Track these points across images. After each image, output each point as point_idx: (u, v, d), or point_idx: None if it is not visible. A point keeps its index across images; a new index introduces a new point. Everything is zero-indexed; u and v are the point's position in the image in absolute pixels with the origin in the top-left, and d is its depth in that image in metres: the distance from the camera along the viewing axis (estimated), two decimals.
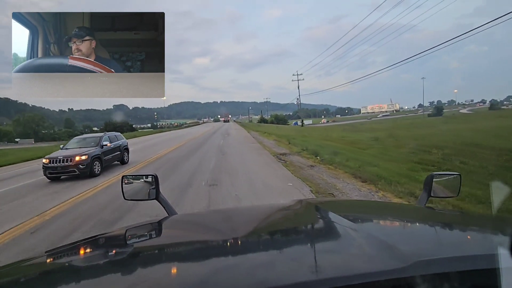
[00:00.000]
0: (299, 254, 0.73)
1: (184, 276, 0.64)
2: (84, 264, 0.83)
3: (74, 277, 0.69)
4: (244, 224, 1.09)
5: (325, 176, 7.24)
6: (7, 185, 8.21)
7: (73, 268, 0.79)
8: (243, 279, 0.58)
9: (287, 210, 1.29)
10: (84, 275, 0.71)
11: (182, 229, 1.12)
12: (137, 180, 1.46)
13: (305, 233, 0.96)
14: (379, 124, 52.41)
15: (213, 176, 7.54)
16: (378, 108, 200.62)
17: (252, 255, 0.75)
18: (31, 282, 0.70)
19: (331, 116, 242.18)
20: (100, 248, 0.99)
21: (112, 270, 0.72)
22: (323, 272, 0.58)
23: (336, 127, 49.63)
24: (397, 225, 1.04)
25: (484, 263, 0.53)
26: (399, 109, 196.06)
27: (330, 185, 6.33)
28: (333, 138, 20.67)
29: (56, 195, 6.52)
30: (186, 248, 0.87)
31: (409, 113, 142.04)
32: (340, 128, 41.30)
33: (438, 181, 1.30)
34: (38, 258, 0.89)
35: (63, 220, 4.81)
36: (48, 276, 0.74)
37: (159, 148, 16.30)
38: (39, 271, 0.78)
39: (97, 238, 1.07)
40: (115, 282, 0.64)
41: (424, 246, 0.71)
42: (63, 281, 0.67)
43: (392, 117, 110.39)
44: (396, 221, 1.08)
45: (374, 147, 15.15)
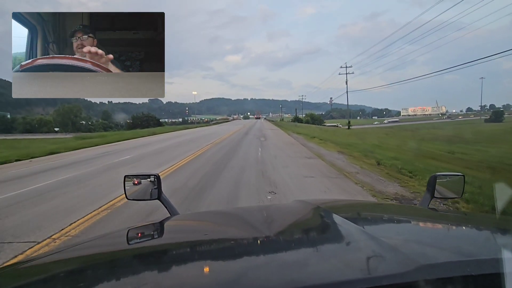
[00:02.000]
0: (298, 256, 0.70)
1: (187, 277, 0.63)
2: (85, 264, 0.79)
3: (75, 278, 0.68)
4: (246, 225, 1.07)
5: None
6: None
7: (74, 269, 0.76)
8: (244, 281, 0.57)
9: (288, 211, 1.27)
10: (86, 276, 0.68)
11: (185, 229, 1.10)
12: (139, 180, 1.43)
13: (305, 235, 0.94)
14: (440, 130, 43.14)
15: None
16: (421, 111, 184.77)
17: (254, 257, 0.72)
18: (32, 282, 0.68)
19: (367, 117, 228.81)
20: (102, 248, 0.94)
21: (115, 271, 0.70)
22: (323, 277, 0.55)
23: (393, 131, 40.84)
24: (400, 227, 1.01)
25: (489, 268, 0.52)
26: (445, 112, 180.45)
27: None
28: (430, 152, 13.45)
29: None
30: (189, 248, 0.85)
31: (460, 116, 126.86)
32: (404, 134, 32.88)
33: (441, 182, 1.29)
34: (39, 258, 0.84)
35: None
36: (49, 276, 0.71)
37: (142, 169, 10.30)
38: (39, 272, 0.76)
39: (99, 239, 1.05)
40: (117, 283, 0.61)
41: (427, 249, 0.68)
42: (65, 282, 0.67)
43: (439, 121, 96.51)
44: (399, 223, 1.05)
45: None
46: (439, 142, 19.80)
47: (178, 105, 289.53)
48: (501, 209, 0.98)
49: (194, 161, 9.96)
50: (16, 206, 5.07)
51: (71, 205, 5.07)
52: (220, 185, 6.24)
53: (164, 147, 15.48)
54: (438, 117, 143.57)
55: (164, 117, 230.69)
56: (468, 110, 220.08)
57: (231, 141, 17.81)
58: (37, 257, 0.85)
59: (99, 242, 1.01)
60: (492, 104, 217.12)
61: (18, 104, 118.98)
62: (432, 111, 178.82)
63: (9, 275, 0.73)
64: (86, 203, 5.12)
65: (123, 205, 4.90)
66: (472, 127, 47.63)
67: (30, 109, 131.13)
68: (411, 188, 6.30)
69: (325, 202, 1.50)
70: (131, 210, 4.61)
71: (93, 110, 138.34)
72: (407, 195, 5.80)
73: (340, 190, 5.98)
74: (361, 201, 3.25)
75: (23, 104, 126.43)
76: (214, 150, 13.02)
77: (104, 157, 11.80)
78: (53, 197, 5.62)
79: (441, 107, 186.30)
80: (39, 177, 7.74)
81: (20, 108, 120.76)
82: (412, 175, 7.53)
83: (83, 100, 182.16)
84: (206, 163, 9.42)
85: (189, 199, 5.23)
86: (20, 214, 4.64)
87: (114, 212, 4.61)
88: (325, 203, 1.41)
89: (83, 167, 9.20)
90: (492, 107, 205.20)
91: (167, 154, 12.46)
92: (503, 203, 1.03)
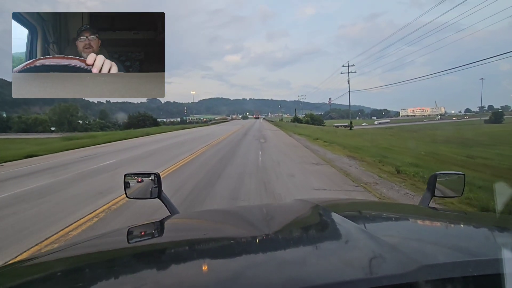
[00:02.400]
0: (298, 255, 0.70)
1: (187, 275, 0.62)
2: (85, 263, 0.79)
3: (75, 277, 0.67)
4: (246, 223, 1.07)
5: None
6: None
7: (74, 268, 0.75)
8: (243, 279, 0.57)
9: (288, 209, 1.26)
10: (85, 275, 0.68)
11: (185, 228, 1.10)
12: (139, 178, 1.43)
13: (305, 233, 0.93)
14: (445, 131, 41.96)
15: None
16: (420, 111, 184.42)
17: (253, 256, 0.72)
18: (32, 281, 0.67)
19: (366, 117, 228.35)
20: (101, 247, 0.92)
21: (114, 270, 0.69)
22: (322, 276, 0.55)
23: (395, 131, 39.45)
24: (400, 226, 0.99)
25: (489, 268, 0.52)
26: (444, 113, 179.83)
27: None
28: (448, 157, 12.16)
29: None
30: (189, 247, 0.85)
31: (454, 118, 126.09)
32: (409, 135, 31.51)
33: (441, 181, 1.29)
34: (38, 258, 0.83)
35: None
36: (49, 275, 0.71)
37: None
38: (39, 271, 0.75)
39: (98, 238, 1.02)
40: (117, 282, 0.61)
41: (427, 248, 0.68)
42: (64, 281, 0.66)
43: (439, 122, 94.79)
44: (399, 222, 1.04)
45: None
46: (452, 144, 18.56)
47: (177, 104, 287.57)
48: (501, 208, 1.00)
49: (186, 167, 8.63)
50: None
51: (4, 236, 3.74)
52: (211, 204, 4.94)
53: (155, 149, 14.15)
54: (436, 118, 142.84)
55: (163, 116, 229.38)
56: (467, 111, 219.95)
57: (228, 143, 16.45)
58: (37, 256, 0.84)
59: (98, 241, 0.99)
60: (491, 105, 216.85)
61: (16, 103, 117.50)
62: (431, 112, 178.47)
63: (9, 275, 0.72)
64: (26, 233, 3.75)
65: (79, 234, 3.60)
66: (475, 128, 46.62)
67: (27, 108, 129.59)
68: (449, 206, 5.01)
69: (325, 200, 1.46)
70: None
71: (91, 110, 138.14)
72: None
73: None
74: (361, 200, 3.07)
75: (21, 103, 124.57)
76: (209, 154, 11.69)
77: (83, 162, 10.44)
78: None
79: (440, 108, 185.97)
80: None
81: (17, 107, 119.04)
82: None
83: (81, 100, 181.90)
84: (199, 170, 8.08)
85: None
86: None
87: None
88: (325, 201, 1.36)
89: (54, 175, 7.84)
90: (491, 108, 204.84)
91: (157, 158, 11.15)
92: (502, 202, 1.07)
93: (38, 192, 5.95)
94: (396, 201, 5.33)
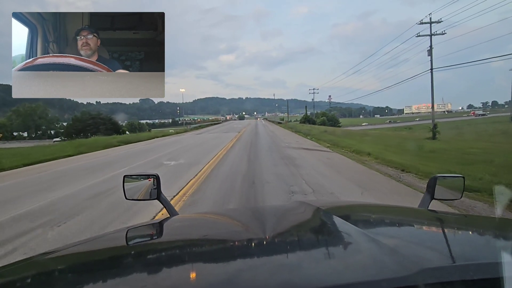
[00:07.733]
0: (297, 258, 0.69)
1: (184, 277, 0.62)
2: (84, 264, 0.79)
3: (74, 278, 0.68)
4: (245, 226, 1.07)
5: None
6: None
7: (73, 269, 0.76)
8: (241, 282, 0.57)
9: (288, 212, 1.25)
10: (84, 276, 0.68)
11: (183, 230, 1.08)
12: (138, 180, 1.43)
13: (304, 236, 0.92)
14: (463, 131, 31.84)
15: None
16: (426, 108, 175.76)
17: (252, 259, 0.72)
18: (31, 282, 0.68)
19: (368, 116, 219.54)
20: (101, 248, 0.92)
21: (113, 271, 0.69)
22: (322, 279, 0.55)
23: (415, 132, 28.23)
24: (400, 228, 1.00)
25: (489, 272, 0.52)
26: (451, 110, 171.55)
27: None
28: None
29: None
30: (187, 249, 0.85)
31: (461, 115, 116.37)
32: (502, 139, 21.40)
33: (441, 183, 1.28)
34: (38, 258, 0.83)
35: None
36: (48, 276, 0.71)
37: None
38: (39, 271, 0.75)
39: (97, 239, 1.02)
40: (115, 283, 0.61)
41: (427, 251, 0.67)
42: (63, 281, 0.66)
43: (455, 119, 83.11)
44: (399, 225, 1.04)
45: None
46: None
47: (170, 105, 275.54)
48: (501, 211, 0.90)
49: None
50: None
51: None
52: None
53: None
54: (444, 115, 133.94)
55: (155, 117, 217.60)
56: (469, 107, 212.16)
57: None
58: (37, 256, 0.84)
59: (97, 242, 0.99)
60: (495, 100, 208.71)
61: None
62: (437, 108, 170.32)
63: (9, 274, 0.72)
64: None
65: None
66: (491, 126, 37.45)
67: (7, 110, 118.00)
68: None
69: (325, 203, 1.45)
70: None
71: (78, 111, 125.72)
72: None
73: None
74: (361, 203, 2.93)
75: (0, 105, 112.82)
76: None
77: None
78: None
79: (447, 104, 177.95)
80: None
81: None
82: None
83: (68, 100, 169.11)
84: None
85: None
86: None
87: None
88: (325, 204, 1.34)
89: None
90: (495, 103, 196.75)
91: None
92: (502, 204, 1.04)
93: None
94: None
